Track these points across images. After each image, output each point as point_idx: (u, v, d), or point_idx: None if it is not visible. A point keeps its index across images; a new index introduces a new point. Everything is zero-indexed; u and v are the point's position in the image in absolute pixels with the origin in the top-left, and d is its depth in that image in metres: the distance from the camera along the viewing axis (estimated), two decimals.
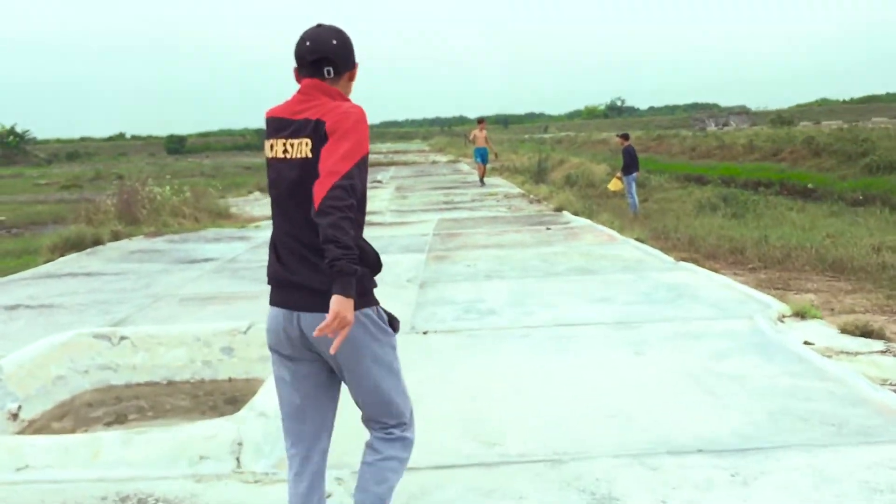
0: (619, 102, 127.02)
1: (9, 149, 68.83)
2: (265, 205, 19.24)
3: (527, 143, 51.29)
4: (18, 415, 4.88)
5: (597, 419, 4.23)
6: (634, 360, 5.25)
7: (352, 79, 2.62)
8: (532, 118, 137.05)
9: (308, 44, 2.52)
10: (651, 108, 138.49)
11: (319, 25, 2.59)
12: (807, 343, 5.49)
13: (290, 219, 2.50)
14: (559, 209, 14.83)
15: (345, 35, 2.58)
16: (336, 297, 2.23)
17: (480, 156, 22.26)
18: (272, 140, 2.55)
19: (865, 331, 5.76)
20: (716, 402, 4.39)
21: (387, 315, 2.60)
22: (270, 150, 2.56)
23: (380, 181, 25.64)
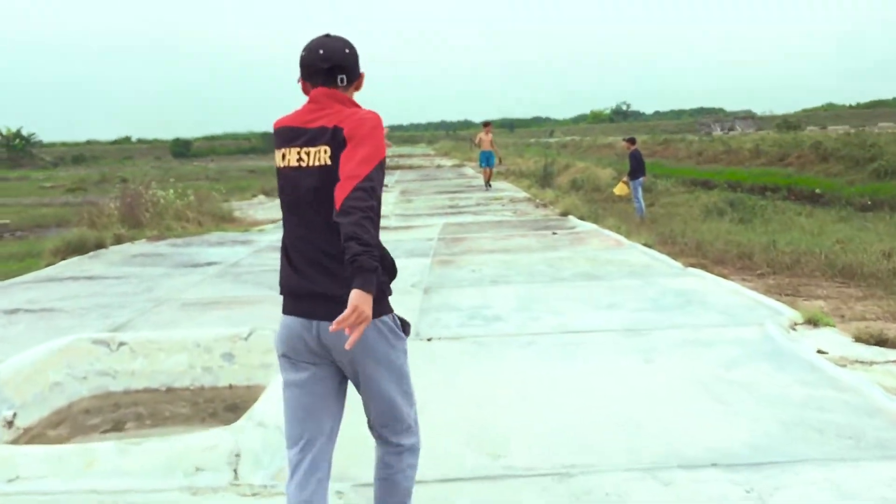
0: (625, 107, 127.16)
1: (14, 152, 69.06)
2: (269, 208, 19.16)
3: (532, 148, 51.23)
4: (14, 422, 4.79)
5: (606, 429, 4.12)
6: (643, 368, 5.13)
7: (358, 88, 2.66)
8: (537, 122, 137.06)
9: (321, 52, 2.55)
10: (657, 113, 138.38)
11: (328, 36, 2.61)
12: (820, 351, 5.36)
13: (310, 227, 2.50)
14: (565, 214, 14.72)
15: (353, 45, 2.63)
16: (356, 292, 2.23)
17: (486, 159, 22.16)
18: (284, 149, 2.55)
19: (880, 339, 5.64)
20: (728, 412, 4.27)
21: (399, 320, 2.62)
22: (282, 160, 2.56)
23: (385, 185, 25.48)
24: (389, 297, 2.57)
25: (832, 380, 4.68)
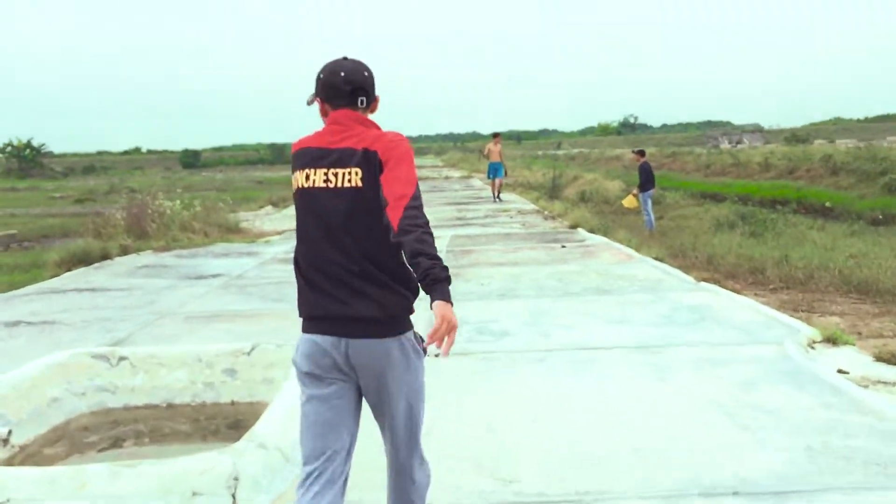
0: (632, 119, 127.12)
1: (25, 162, 69.31)
2: (276, 219, 19.05)
3: (540, 160, 51.12)
4: (9, 440, 4.65)
5: (620, 453, 3.95)
6: (658, 388, 4.96)
7: (374, 110, 2.69)
8: (545, 134, 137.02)
9: (343, 74, 2.59)
10: (664, 126, 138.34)
11: (346, 58, 2.66)
12: (840, 371, 5.19)
13: (339, 248, 2.51)
14: (574, 226, 14.56)
15: (370, 68, 2.68)
16: (439, 303, 2.32)
17: (494, 171, 21.99)
18: (308, 170, 2.57)
19: None
20: (748, 437, 4.10)
21: (419, 337, 2.65)
22: (306, 180, 2.57)
23: None
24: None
25: (856, 402, 4.51)
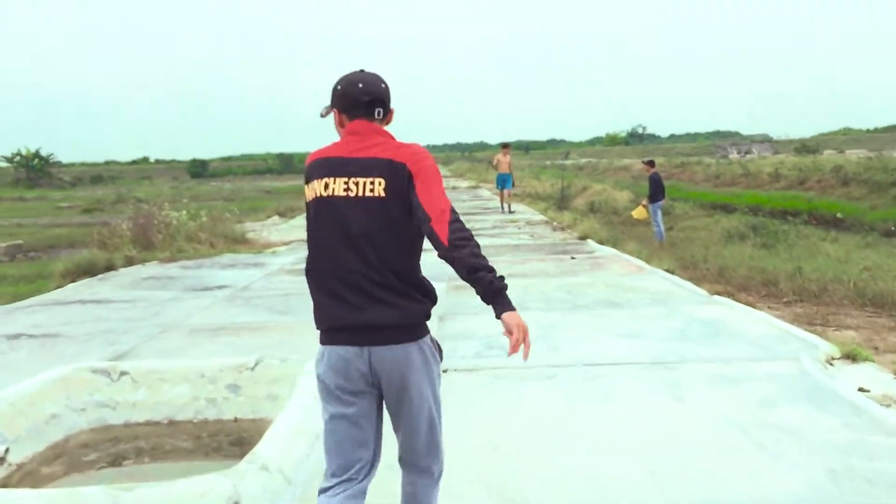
0: (641, 129, 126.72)
1: (33, 172, 69.56)
2: (283, 230, 18.96)
3: (548, 169, 51.00)
4: (5, 458, 4.53)
5: (635, 476, 3.80)
6: (673, 407, 4.81)
7: (389, 122, 2.70)
8: (553, 144, 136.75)
9: (361, 86, 2.60)
10: (672, 136, 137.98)
11: (362, 71, 2.68)
12: (861, 390, 5.03)
13: (362, 257, 2.51)
14: (583, 237, 14.42)
15: (386, 81, 2.69)
16: (509, 314, 2.43)
17: (502, 182, 21.81)
18: (328, 178, 2.56)
19: None
20: (768, 459, 3.95)
21: (435, 342, 2.68)
22: (325, 189, 2.56)
23: None
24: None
25: (878, 422, 4.35)
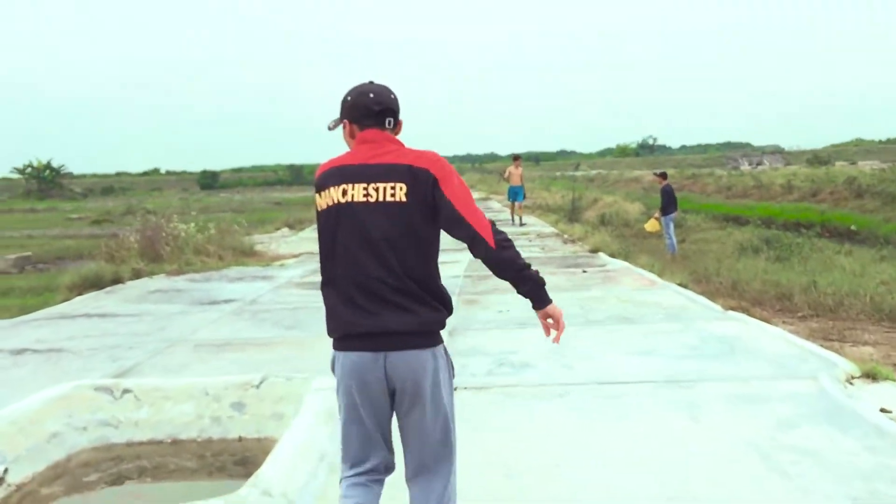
0: (651, 141, 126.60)
1: (44, 183, 69.93)
2: (292, 242, 18.89)
3: (559, 181, 50.89)
4: (4, 478, 4.43)
5: (649, 496, 3.66)
6: (690, 427, 4.66)
7: (398, 133, 2.72)
8: (563, 155, 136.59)
9: (372, 96, 2.65)
10: (683, 147, 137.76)
11: (371, 82, 2.71)
12: (883, 410, 4.87)
13: (381, 262, 2.53)
14: (595, 250, 14.27)
15: (395, 92, 2.74)
16: (549, 307, 2.70)
17: (514, 194, 21.65)
18: (346, 185, 2.57)
19: None
20: (789, 485, 3.79)
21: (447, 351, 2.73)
22: (343, 195, 2.57)
23: None
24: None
25: None
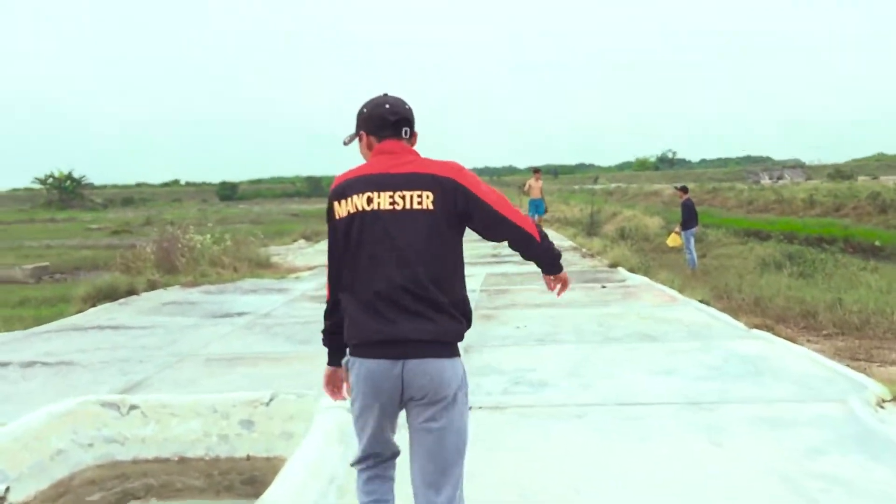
0: (671, 154, 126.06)
1: (66, 193, 70.58)
2: (308, 254, 18.81)
3: (577, 194, 50.66)
4: (6, 497, 4.31)
5: None
6: (713, 453, 4.47)
7: (413, 144, 2.74)
8: (582, 169, 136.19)
9: (388, 107, 2.69)
10: (703, 161, 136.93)
11: (386, 95, 2.75)
12: None
13: (408, 269, 2.54)
14: (614, 265, 14.06)
15: (410, 104, 2.77)
16: (564, 273, 3.04)
17: (535, 207, 21.42)
18: (371, 192, 2.58)
19: None
20: None
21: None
22: (368, 203, 2.57)
23: None
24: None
25: None
